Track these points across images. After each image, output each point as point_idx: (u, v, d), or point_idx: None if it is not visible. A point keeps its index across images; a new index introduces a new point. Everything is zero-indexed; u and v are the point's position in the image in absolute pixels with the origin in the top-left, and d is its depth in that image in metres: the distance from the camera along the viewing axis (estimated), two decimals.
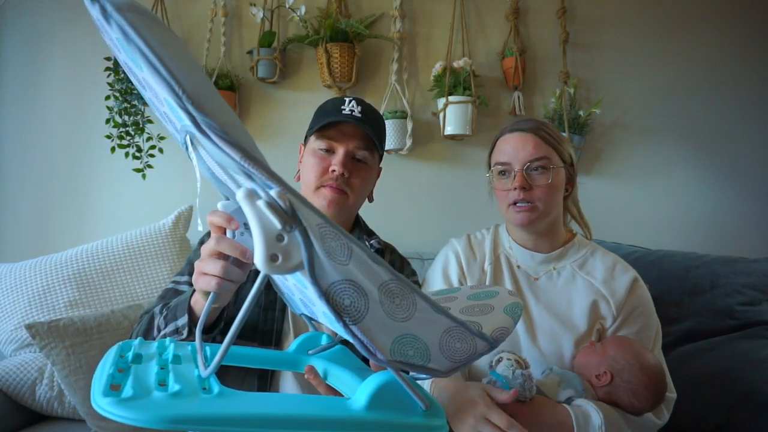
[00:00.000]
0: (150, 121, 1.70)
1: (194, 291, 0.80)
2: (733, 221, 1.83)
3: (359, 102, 1.01)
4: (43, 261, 1.49)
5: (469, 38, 1.81)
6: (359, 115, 0.98)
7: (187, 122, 0.40)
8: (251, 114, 1.86)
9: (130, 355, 0.53)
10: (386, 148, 1.76)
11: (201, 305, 0.78)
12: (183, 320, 0.79)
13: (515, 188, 1.00)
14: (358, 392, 0.51)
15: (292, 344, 0.67)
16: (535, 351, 0.99)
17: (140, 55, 0.37)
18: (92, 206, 1.85)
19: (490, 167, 1.10)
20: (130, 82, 1.68)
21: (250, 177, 0.41)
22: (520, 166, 1.01)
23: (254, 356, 0.66)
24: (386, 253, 1.09)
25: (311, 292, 0.43)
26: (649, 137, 1.83)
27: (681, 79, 1.83)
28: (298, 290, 0.53)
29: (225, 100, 0.55)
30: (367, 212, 1.22)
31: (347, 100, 1.01)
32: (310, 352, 0.66)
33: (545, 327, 1.01)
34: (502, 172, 1.05)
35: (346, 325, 0.44)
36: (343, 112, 0.99)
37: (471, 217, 1.13)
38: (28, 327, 1.20)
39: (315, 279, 0.42)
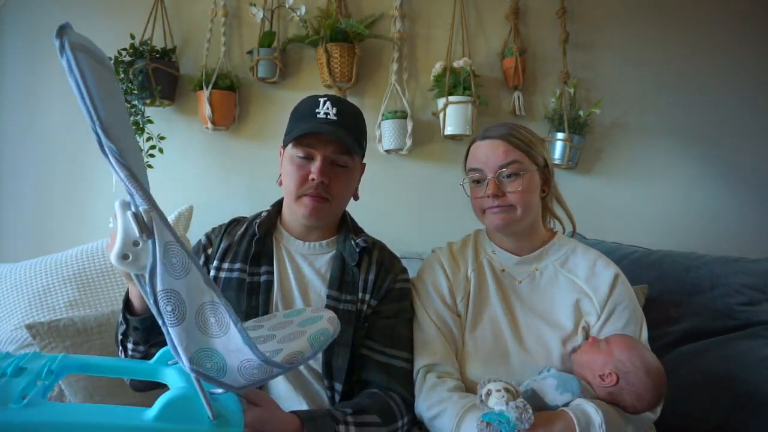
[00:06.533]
0: (150, 121, 1.70)
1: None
2: (733, 221, 1.83)
3: (335, 102, 0.98)
4: (43, 261, 1.49)
5: (469, 38, 1.81)
6: (335, 118, 0.96)
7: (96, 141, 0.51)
8: (251, 114, 1.86)
9: None
10: (386, 147, 1.77)
11: (135, 294, 0.86)
12: (121, 314, 0.90)
13: (488, 196, 1.01)
14: (155, 403, 0.57)
15: (155, 356, 0.72)
16: (523, 353, 0.99)
17: (74, 84, 0.49)
18: (92, 206, 1.85)
19: (466, 173, 1.10)
20: (131, 82, 1.68)
21: (131, 194, 0.53)
22: (492, 173, 1.01)
23: (113, 367, 0.71)
24: (374, 250, 1.07)
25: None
26: (649, 137, 1.83)
27: (681, 79, 1.83)
28: None
29: (135, 137, 0.66)
30: (367, 212, 1.22)
31: (321, 101, 0.97)
32: (169, 363, 0.71)
33: (531, 328, 1.01)
34: (476, 180, 1.05)
35: (164, 325, 0.54)
36: (318, 116, 0.96)
37: (471, 217, 1.13)
38: (29, 327, 1.21)
39: (151, 282, 0.53)
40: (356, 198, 1.10)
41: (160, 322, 0.54)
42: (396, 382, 0.97)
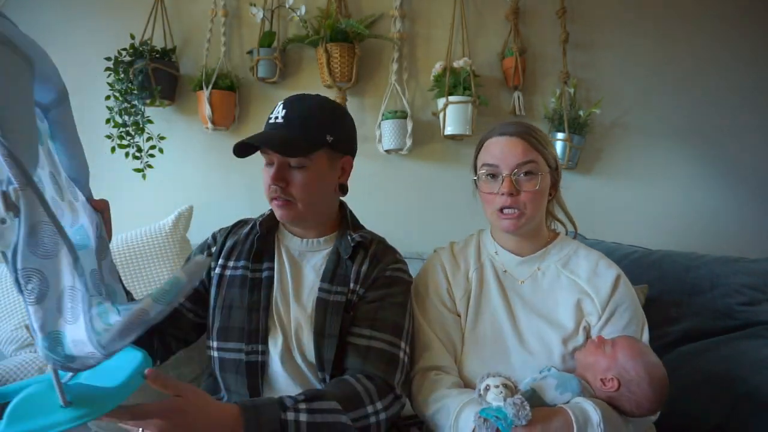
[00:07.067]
0: (150, 121, 1.70)
1: None
2: (733, 221, 1.83)
3: (287, 104, 0.98)
4: None
5: (469, 38, 1.81)
6: (281, 121, 0.96)
7: None
8: (251, 114, 1.86)
9: None
10: (386, 147, 1.77)
11: None
12: None
13: (503, 194, 1.00)
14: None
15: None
16: (525, 352, 0.99)
17: None
18: None
19: (475, 170, 1.10)
20: (131, 82, 1.68)
21: (7, 173, 0.53)
22: (508, 171, 1.00)
23: None
24: (371, 245, 1.07)
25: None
26: (649, 137, 1.83)
27: (681, 79, 1.83)
28: None
29: (33, 125, 0.66)
30: (367, 212, 1.22)
31: (278, 106, 0.99)
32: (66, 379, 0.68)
33: (532, 328, 1.01)
34: (489, 175, 1.04)
35: (25, 301, 0.54)
36: (269, 121, 0.99)
37: (471, 217, 1.13)
38: (29, 327, 1.20)
39: (14, 259, 0.53)
40: (340, 193, 1.08)
41: (22, 299, 0.55)
42: (370, 364, 0.94)
